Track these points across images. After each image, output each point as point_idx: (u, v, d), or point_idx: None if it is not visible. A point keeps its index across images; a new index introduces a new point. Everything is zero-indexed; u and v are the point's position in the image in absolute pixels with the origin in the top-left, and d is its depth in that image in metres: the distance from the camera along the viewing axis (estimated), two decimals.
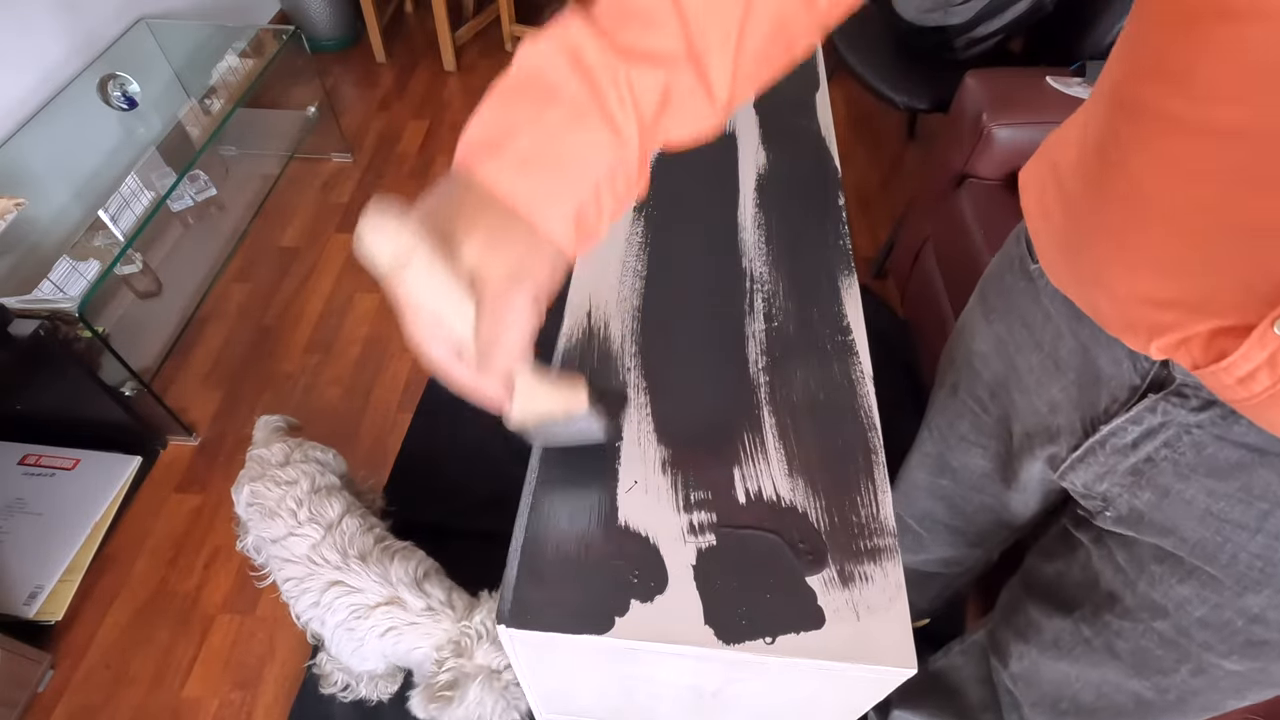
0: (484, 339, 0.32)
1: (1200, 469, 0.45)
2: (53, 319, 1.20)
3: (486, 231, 0.31)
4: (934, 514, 0.85)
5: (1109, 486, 0.52)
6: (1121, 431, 0.49)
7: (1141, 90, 0.40)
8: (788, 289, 0.64)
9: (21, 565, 1.26)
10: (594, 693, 0.55)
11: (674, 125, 0.35)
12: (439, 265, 0.30)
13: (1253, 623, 0.48)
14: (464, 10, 2.66)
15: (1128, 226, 0.42)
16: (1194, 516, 0.47)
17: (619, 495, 0.51)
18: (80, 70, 1.67)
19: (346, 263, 1.86)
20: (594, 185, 0.32)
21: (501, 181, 0.31)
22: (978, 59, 1.55)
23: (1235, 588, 0.47)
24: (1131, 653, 0.57)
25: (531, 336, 0.32)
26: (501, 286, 0.31)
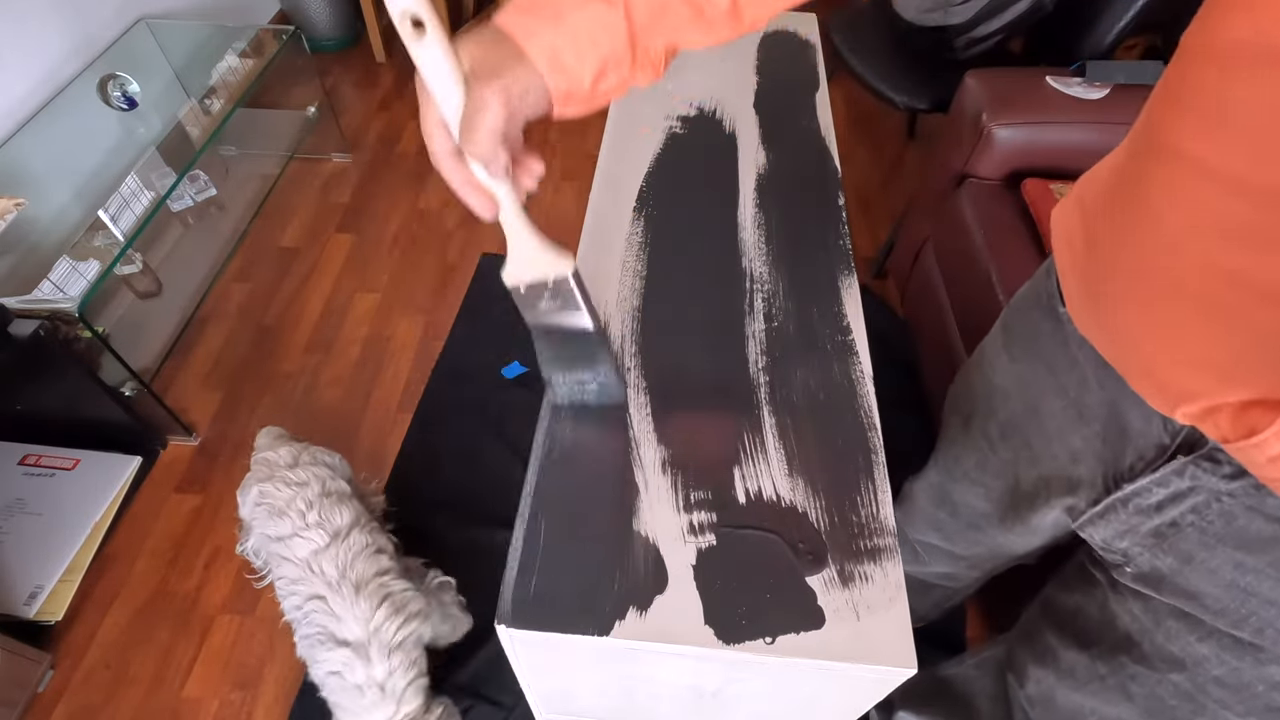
0: (463, 120, 0.39)
1: (1229, 540, 0.43)
2: (53, 319, 1.20)
3: (482, 44, 0.39)
4: (932, 540, 0.85)
5: (1130, 545, 0.50)
6: (1146, 492, 0.47)
7: (1174, 133, 0.37)
8: (788, 289, 0.64)
9: (21, 565, 1.26)
10: (594, 693, 0.55)
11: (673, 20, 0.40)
12: (444, 42, 0.38)
13: (1273, 689, 0.46)
14: (464, 10, 2.66)
15: (1155, 277, 0.40)
16: (1219, 585, 0.45)
17: (619, 495, 0.51)
18: (80, 70, 1.67)
19: (346, 263, 1.86)
20: (573, 34, 0.38)
21: (507, 20, 0.39)
22: (978, 59, 1.55)
23: (1258, 656, 0.45)
24: (1146, 698, 0.55)
25: (500, 132, 0.38)
26: (479, 77, 0.38)
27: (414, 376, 1.61)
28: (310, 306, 1.75)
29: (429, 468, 1.45)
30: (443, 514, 1.37)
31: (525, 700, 0.68)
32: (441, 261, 1.86)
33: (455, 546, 1.33)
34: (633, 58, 0.40)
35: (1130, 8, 1.31)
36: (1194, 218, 0.36)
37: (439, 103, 0.40)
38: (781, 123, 0.82)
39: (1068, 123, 1.21)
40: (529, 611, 0.45)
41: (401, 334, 1.70)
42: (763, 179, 0.75)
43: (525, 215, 0.45)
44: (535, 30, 0.38)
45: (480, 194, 0.42)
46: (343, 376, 1.61)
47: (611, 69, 0.39)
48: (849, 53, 1.70)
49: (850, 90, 2.38)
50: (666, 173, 0.76)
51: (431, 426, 1.52)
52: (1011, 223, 1.24)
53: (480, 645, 1.21)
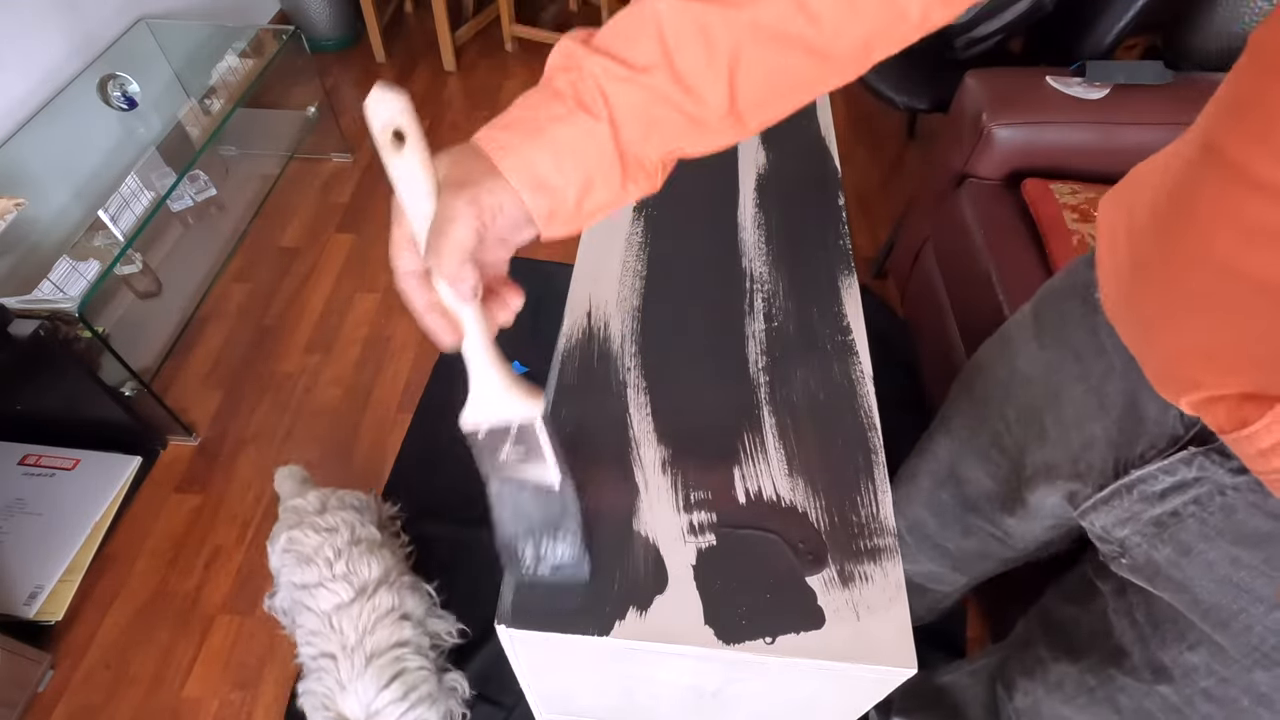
0: (431, 233, 0.36)
1: (1227, 534, 0.43)
2: (53, 319, 1.20)
3: (458, 159, 0.37)
4: (924, 525, 0.83)
5: (1129, 534, 0.51)
6: (1152, 479, 0.47)
7: (1228, 140, 0.37)
8: (788, 289, 0.64)
9: (21, 565, 1.26)
10: (594, 693, 0.55)
11: (667, 127, 0.38)
12: (423, 155, 0.35)
13: (1258, 704, 0.46)
14: (464, 10, 2.66)
15: (1185, 275, 0.41)
16: (1212, 579, 0.45)
17: (619, 495, 0.51)
18: (80, 70, 1.67)
19: (346, 263, 1.86)
20: (553, 149, 0.36)
21: (483, 136, 0.37)
22: (978, 59, 1.55)
23: (1244, 661, 0.46)
24: (1134, 711, 0.55)
25: (468, 248, 0.35)
26: (451, 189, 0.35)
27: (414, 376, 1.61)
28: (310, 306, 1.75)
29: (429, 468, 1.45)
30: (443, 514, 1.37)
31: (525, 700, 0.68)
32: None
33: (455, 547, 1.33)
34: (623, 169, 0.37)
35: (1130, 8, 1.31)
36: (1233, 222, 0.37)
37: (409, 217, 0.37)
38: (781, 123, 0.82)
39: (1068, 123, 1.21)
40: (529, 611, 0.45)
41: (401, 334, 1.70)
42: (763, 179, 0.75)
43: (493, 349, 0.41)
44: (511, 145, 0.36)
45: (444, 318, 0.38)
46: (343, 376, 1.61)
47: (599, 183, 0.37)
48: None
49: (850, 90, 2.38)
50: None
51: (431, 426, 1.52)
52: (1011, 223, 1.24)
53: (480, 645, 1.21)
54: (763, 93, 0.38)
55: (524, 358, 1.62)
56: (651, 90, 0.36)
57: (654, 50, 0.36)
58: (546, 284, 1.81)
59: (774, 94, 0.39)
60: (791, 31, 0.36)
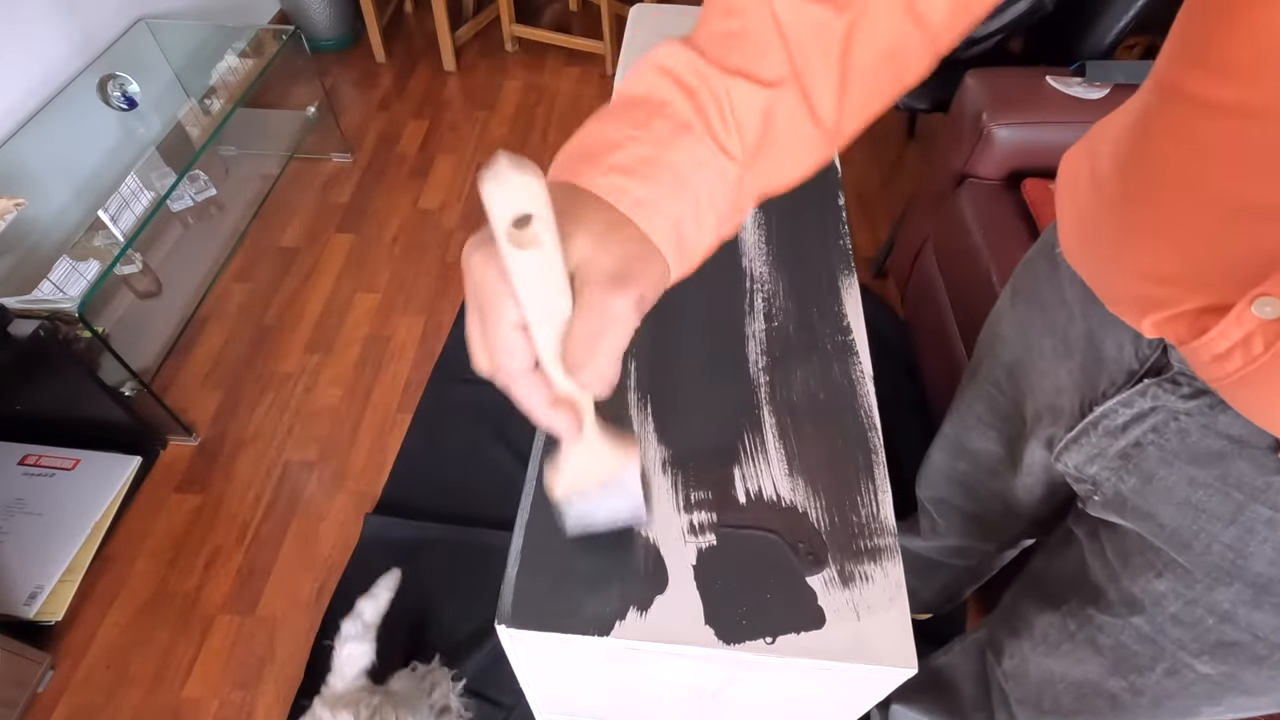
0: (579, 342, 0.28)
1: (1183, 456, 0.46)
2: (53, 319, 1.20)
3: (596, 229, 0.28)
4: (949, 498, 0.86)
5: (1098, 469, 0.53)
6: (1113, 413, 0.50)
7: (1176, 74, 0.40)
8: (788, 289, 0.64)
9: (21, 565, 1.26)
10: (594, 693, 0.55)
11: (779, 151, 0.33)
12: (557, 249, 0.27)
13: (1223, 621, 0.48)
14: (464, 10, 2.66)
15: (1141, 201, 0.43)
16: (1173, 503, 0.47)
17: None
18: (80, 70, 1.67)
19: (346, 263, 1.86)
20: (695, 201, 0.30)
21: (608, 186, 0.29)
22: (978, 59, 1.55)
23: (1206, 580, 0.47)
24: (1112, 649, 0.57)
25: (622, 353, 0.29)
26: (608, 285, 0.28)
27: (414, 376, 1.61)
28: (310, 306, 1.75)
29: (429, 468, 1.45)
30: (443, 514, 1.37)
31: (525, 700, 0.68)
32: (441, 261, 1.86)
33: (455, 547, 1.33)
34: (734, 212, 0.33)
35: (1130, 8, 1.31)
36: (1181, 142, 0.39)
37: (529, 312, 0.28)
38: None
39: (1068, 123, 1.21)
40: (529, 611, 0.45)
41: (401, 334, 1.70)
42: None
43: (595, 417, 0.36)
44: (650, 201, 0.29)
45: (571, 411, 0.32)
46: (343, 376, 1.61)
47: (720, 234, 0.33)
48: None
49: None
50: None
51: (431, 426, 1.52)
52: (1011, 223, 1.24)
53: (480, 645, 1.21)
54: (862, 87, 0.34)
55: None
56: (779, 112, 0.32)
57: (782, 60, 0.32)
58: None
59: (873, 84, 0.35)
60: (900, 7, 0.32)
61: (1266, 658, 0.47)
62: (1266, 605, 0.45)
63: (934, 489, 0.88)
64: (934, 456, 0.86)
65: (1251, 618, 0.46)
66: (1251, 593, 0.45)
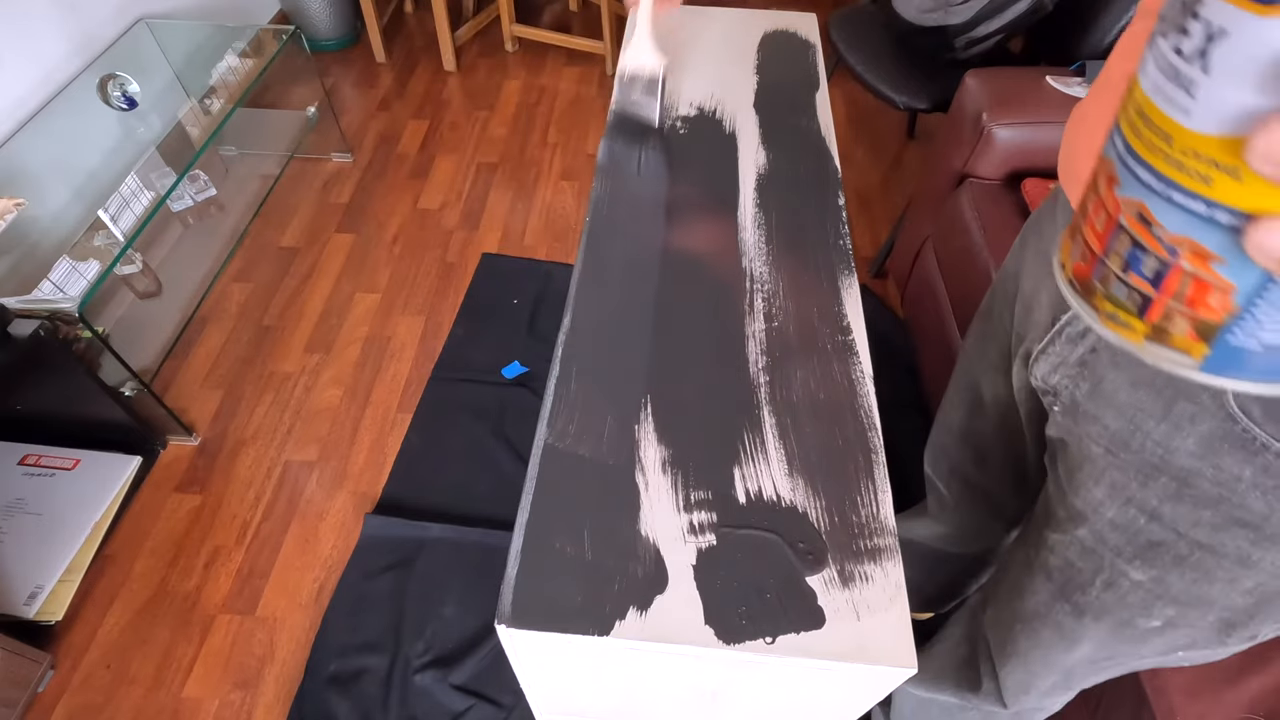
0: None
1: (1127, 358, 0.49)
2: (53, 319, 1.20)
3: None
4: (961, 469, 0.88)
5: (1060, 378, 0.56)
6: (1076, 320, 0.54)
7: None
8: (788, 289, 0.64)
9: (21, 565, 1.26)
10: (594, 693, 0.55)
11: None
12: None
13: (1152, 519, 0.51)
14: (464, 10, 2.66)
15: (1101, 113, 0.49)
16: (1116, 405, 0.51)
17: (619, 495, 0.51)
18: (80, 70, 1.67)
19: (346, 263, 1.86)
20: None
21: None
22: (978, 59, 1.55)
23: (1139, 478, 0.51)
24: (1060, 569, 0.61)
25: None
26: None
27: (414, 376, 1.61)
28: (310, 306, 1.75)
29: (429, 468, 1.45)
30: (443, 514, 1.37)
31: (525, 700, 0.68)
32: (441, 261, 1.86)
33: (455, 547, 1.33)
34: None
35: (1130, 8, 1.31)
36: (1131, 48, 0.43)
37: None
38: (781, 123, 0.82)
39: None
40: (529, 611, 0.45)
41: (401, 334, 1.70)
42: (763, 179, 0.75)
43: (652, 15, 0.62)
44: None
45: None
46: (343, 376, 1.61)
47: None
48: (849, 53, 1.70)
49: (850, 90, 2.38)
50: (667, 172, 0.76)
51: (431, 426, 1.52)
52: (1011, 223, 1.24)
53: (480, 645, 1.21)
54: None
55: (524, 357, 1.62)
56: None
57: None
58: (546, 283, 1.81)
59: None
60: None
61: (1187, 557, 0.50)
62: (1186, 498, 0.48)
63: (947, 459, 0.90)
64: (950, 418, 0.87)
65: (1175, 513, 0.49)
66: (1175, 486, 0.49)
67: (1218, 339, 0.25)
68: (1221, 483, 0.46)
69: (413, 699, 1.16)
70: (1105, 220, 0.26)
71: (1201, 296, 0.24)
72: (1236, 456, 0.44)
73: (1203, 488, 0.47)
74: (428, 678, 1.17)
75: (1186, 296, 0.24)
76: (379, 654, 1.20)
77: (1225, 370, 0.25)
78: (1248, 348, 0.24)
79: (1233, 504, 0.46)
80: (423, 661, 1.19)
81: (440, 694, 1.16)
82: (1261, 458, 0.43)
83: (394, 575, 1.29)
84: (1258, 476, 0.44)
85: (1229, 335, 0.24)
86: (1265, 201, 0.21)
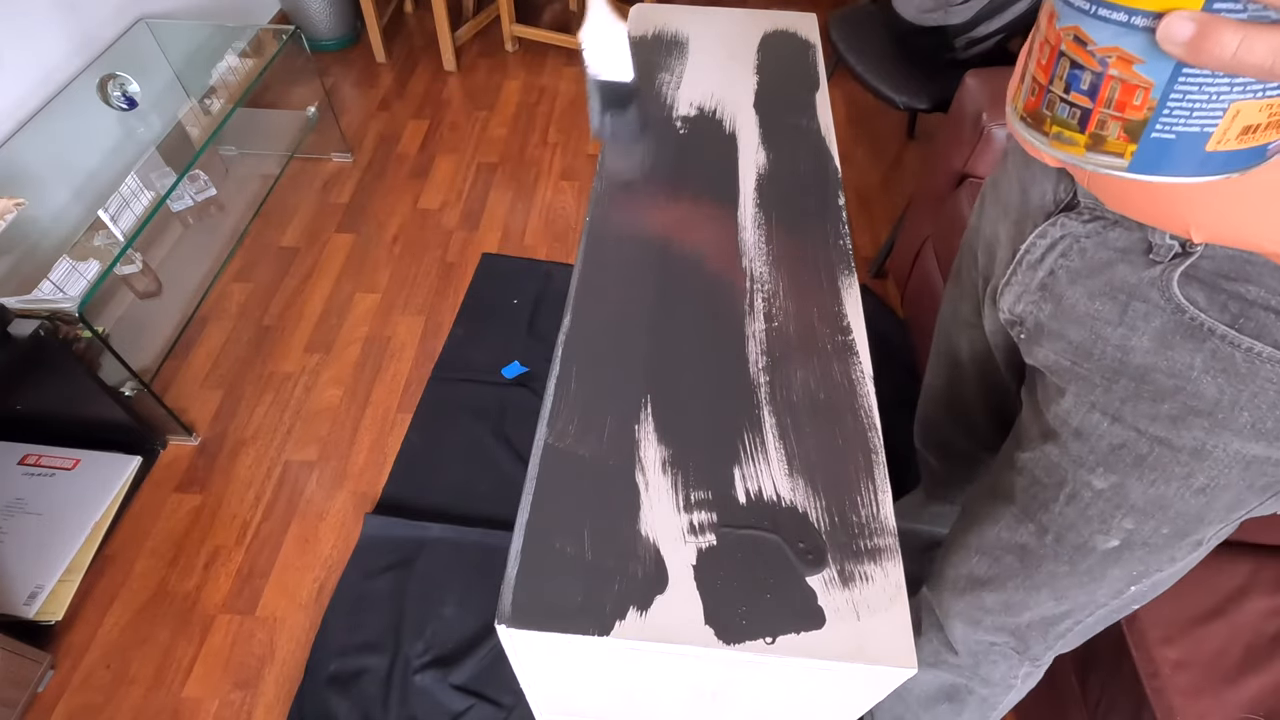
0: None
1: (1083, 272, 0.52)
2: (53, 319, 1.20)
3: None
4: (948, 436, 0.90)
5: (1024, 306, 0.58)
6: (1033, 248, 0.56)
7: None
8: (788, 289, 0.64)
9: (21, 565, 1.26)
10: (594, 693, 0.55)
11: None
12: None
13: (1114, 421, 0.53)
14: (464, 10, 2.66)
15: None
16: (1076, 318, 0.53)
17: (619, 495, 0.51)
18: (80, 70, 1.67)
19: (346, 263, 1.86)
20: None
21: None
22: (978, 59, 1.55)
23: (1102, 384, 0.53)
24: (1025, 489, 0.63)
25: None
26: None
27: (414, 376, 1.61)
28: (310, 306, 1.75)
29: (429, 468, 1.45)
30: (443, 514, 1.37)
31: (525, 700, 0.68)
32: (441, 261, 1.86)
33: (455, 547, 1.33)
34: None
35: None
36: None
37: None
38: (781, 123, 0.82)
39: None
40: (529, 611, 0.45)
41: (401, 334, 1.70)
42: (763, 179, 0.75)
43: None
44: None
45: None
46: (343, 376, 1.61)
47: None
48: (849, 53, 1.70)
49: (850, 90, 2.38)
50: (667, 173, 0.76)
51: (431, 426, 1.52)
52: None
53: (480, 645, 1.21)
54: None
55: (524, 357, 1.62)
56: None
57: None
58: (546, 283, 1.81)
59: None
60: None
61: (1146, 456, 0.53)
62: (1144, 395, 0.51)
63: (935, 430, 0.92)
64: (932, 386, 0.89)
65: (1136, 411, 0.52)
66: (1134, 385, 0.51)
67: (1143, 136, 0.30)
68: (1175, 374, 0.48)
69: (413, 699, 1.16)
70: (1049, 53, 0.32)
71: (1128, 98, 0.29)
72: (1187, 346, 0.47)
73: (1159, 381, 0.50)
74: (428, 678, 1.17)
75: (1116, 100, 0.30)
76: (379, 654, 1.20)
77: (1150, 166, 0.31)
78: (1166, 139, 0.29)
79: (1188, 393, 0.48)
80: (423, 661, 1.19)
81: (440, 694, 1.16)
82: (1209, 343, 0.46)
83: (394, 575, 1.29)
84: (1208, 362, 0.47)
85: (1151, 131, 0.30)
86: (1169, 1, 0.26)
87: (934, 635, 0.82)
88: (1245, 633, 0.87)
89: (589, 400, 0.56)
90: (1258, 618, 0.88)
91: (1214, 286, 0.45)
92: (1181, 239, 0.45)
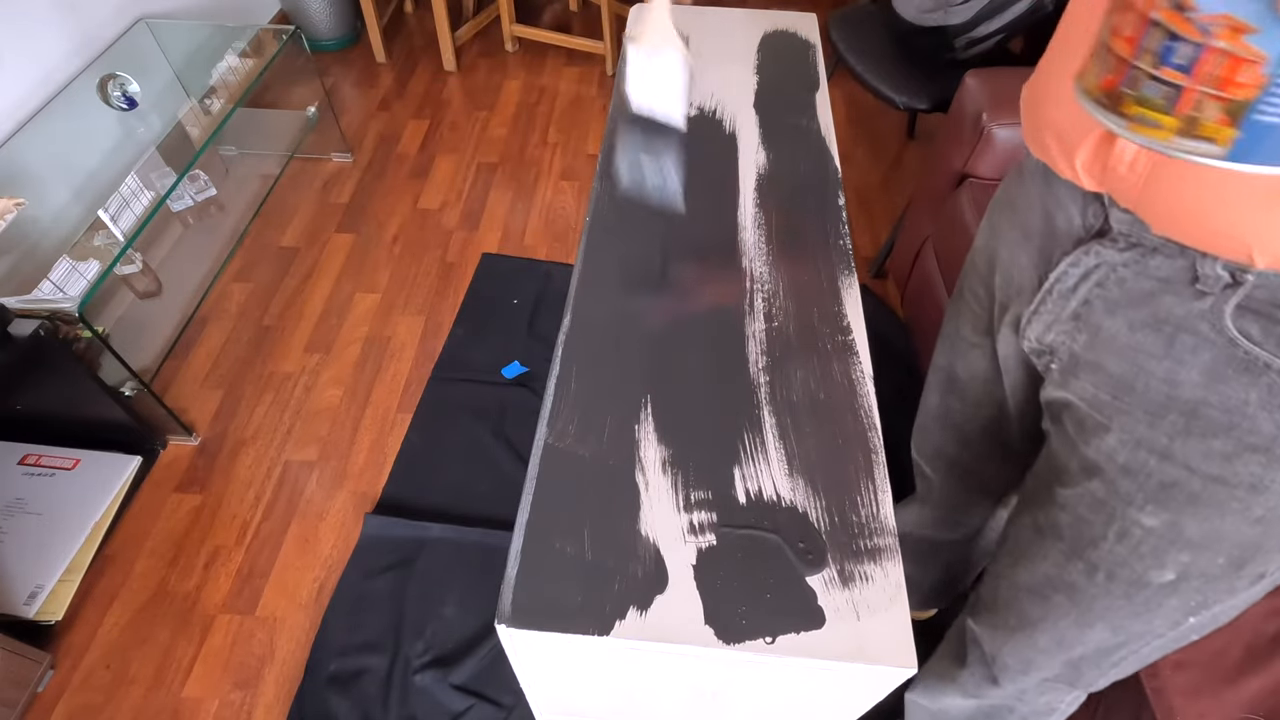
0: None
1: (1123, 302, 0.50)
2: (53, 319, 1.20)
3: None
4: (944, 449, 0.88)
5: (1055, 336, 0.56)
6: (1065, 276, 0.54)
7: None
8: (788, 289, 0.64)
9: (21, 565, 1.26)
10: (594, 693, 0.55)
11: None
12: None
13: (1163, 460, 0.51)
14: (464, 10, 2.66)
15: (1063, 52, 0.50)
16: (1116, 350, 0.51)
17: (619, 495, 0.51)
18: (80, 70, 1.67)
19: (346, 263, 1.86)
20: None
21: None
22: (978, 59, 1.55)
23: (1146, 420, 0.51)
24: (1070, 525, 0.60)
25: None
26: None
27: (414, 376, 1.61)
28: (310, 306, 1.75)
29: (429, 468, 1.45)
30: (443, 514, 1.37)
31: (525, 700, 0.68)
32: (441, 261, 1.86)
33: (455, 547, 1.33)
34: None
35: None
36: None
37: None
38: (781, 123, 0.82)
39: None
40: (529, 611, 0.45)
41: (401, 334, 1.70)
42: (763, 179, 0.75)
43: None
44: None
45: None
46: (343, 376, 1.61)
47: None
48: (849, 53, 1.70)
49: (850, 90, 2.38)
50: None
51: (431, 426, 1.52)
52: None
53: (480, 645, 1.21)
54: None
55: (524, 356, 1.62)
56: None
57: None
58: (546, 283, 1.81)
59: None
60: None
61: (1200, 493, 0.50)
62: (1195, 431, 0.48)
63: (929, 441, 0.91)
64: (928, 400, 0.88)
65: (1186, 448, 0.49)
66: (1184, 421, 0.49)
67: (1246, 118, 0.26)
68: (1229, 409, 0.46)
69: (413, 699, 1.16)
70: (1136, 22, 0.28)
71: (1233, 74, 0.25)
72: (1241, 381, 0.45)
73: (1211, 417, 0.47)
74: (428, 678, 1.17)
75: (1218, 77, 0.26)
76: (379, 654, 1.20)
77: (1252, 154, 0.26)
78: (1274, 123, 0.25)
79: (1243, 429, 0.46)
80: (423, 661, 1.19)
81: (440, 694, 1.16)
82: (1265, 378, 0.44)
83: (394, 575, 1.29)
84: (1264, 397, 0.44)
85: (1257, 113, 0.25)
86: None
87: (978, 669, 0.80)
88: (1245, 633, 0.87)
89: (589, 400, 0.56)
90: (1258, 618, 0.88)
91: (1271, 318, 0.42)
92: (1233, 268, 0.43)
